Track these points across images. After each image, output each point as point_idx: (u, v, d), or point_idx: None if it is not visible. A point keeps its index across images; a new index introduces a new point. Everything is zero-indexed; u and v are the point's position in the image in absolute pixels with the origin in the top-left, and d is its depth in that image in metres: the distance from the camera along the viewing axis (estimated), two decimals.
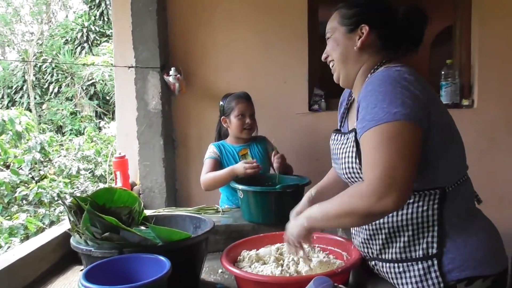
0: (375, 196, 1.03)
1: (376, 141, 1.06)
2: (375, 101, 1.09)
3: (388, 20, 1.26)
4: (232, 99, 2.29)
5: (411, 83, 1.11)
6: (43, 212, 4.37)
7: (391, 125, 1.05)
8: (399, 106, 1.06)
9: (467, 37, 2.80)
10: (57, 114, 10.68)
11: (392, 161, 1.03)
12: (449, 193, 1.16)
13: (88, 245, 1.29)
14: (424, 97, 1.10)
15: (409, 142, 1.05)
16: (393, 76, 1.12)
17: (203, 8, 2.80)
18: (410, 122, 1.05)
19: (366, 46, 1.26)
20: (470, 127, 2.74)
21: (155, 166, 2.71)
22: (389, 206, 1.03)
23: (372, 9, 1.28)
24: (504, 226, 2.63)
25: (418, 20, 1.26)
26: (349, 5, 1.30)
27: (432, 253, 1.15)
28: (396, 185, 1.02)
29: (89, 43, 11.79)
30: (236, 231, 1.86)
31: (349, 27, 1.27)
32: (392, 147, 1.04)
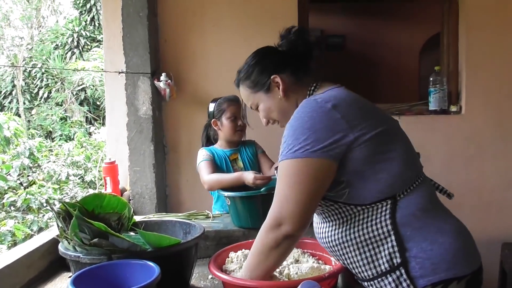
0: (274, 225, 1.15)
1: (279, 175, 1.17)
2: (286, 136, 1.17)
3: (283, 57, 1.33)
4: (223, 101, 2.29)
5: (326, 111, 1.15)
6: (31, 219, 4.32)
7: (290, 162, 1.14)
8: (301, 143, 1.12)
9: (454, 45, 2.85)
10: (47, 119, 10.60)
11: (285, 194, 1.15)
12: (401, 201, 1.16)
13: (77, 251, 1.28)
14: (342, 123, 1.13)
15: (307, 178, 1.13)
16: (308, 108, 1.17)
17: (194, 14, 2.81)
18: (309, 159, 1.12)
19: (288, 89, 1.32)
20: (457, 133, 2.77)
21: (145, 172, 2.70)
22: (288, 232, 1.14)
23: (265, 63, 1.35)
24: (491, 232, 2.70)
25: (299, 38, 1.34)
26: (246, 75, 1.37)
27: (397, 263, 1.13)
28: (288, 215, 1.13)
29: (79, 48, 11.75)
30: (226, 237, 1.86)
31: (264, 88, 1.34)
32: (288, 182, 1.15)
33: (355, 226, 1.18)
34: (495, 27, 2.72)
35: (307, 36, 1.35)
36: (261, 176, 1.98)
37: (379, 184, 1.16)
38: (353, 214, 1.18)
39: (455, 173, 2.74)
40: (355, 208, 1.17)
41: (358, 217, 1.18)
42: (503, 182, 2.77)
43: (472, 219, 1.27)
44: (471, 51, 2.75)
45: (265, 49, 1.40)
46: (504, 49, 2.72)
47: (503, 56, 2.72)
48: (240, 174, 2.05)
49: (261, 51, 1.40)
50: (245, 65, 1.40)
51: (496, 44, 2.72)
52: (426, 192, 1.22)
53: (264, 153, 2.40)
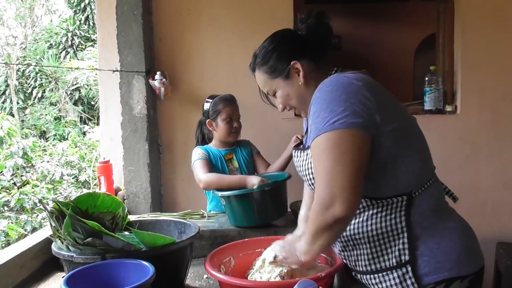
0: (323, 207, 1.07)
1: (317, 153, 1.10)
2: (319, 110, 1.11)
3: (302, 42, 1.29)
4: (219, 102, 2.26)
5: (358, 88, 1.11)
6: (25, 219, 4.29)
7: (330, 135, 1.07)
8: (339, 114, 1.07)
9: (450, 45, 2.85)
10: (41, 119, 10.54)
11: (333, 171, 1.06)
12: (415, 198, 1.16)
13: (70, 251, 1.27)
14: (372, 103, 1.10)
15: (350, 150, 1.06)
16: (339, 82, 1.13)
17: (189, 12, 2.80)
18: (351, 130, 1.06)
19: (309, 75, 1.27)
20: (453, 133, 2.78)
21: (140, 171, 2.68)
22: (338, 214, 1.05)
23: (284, 48, 1.29)
24: (486, 232, 2.70)
25: (319, 22, 1.30)
26: (264, 59, 1.31)
27: (405, 260, 1.14)
28: (337, 194, 1.05)
29: (73, 48, 11.69)
30: (221, 236, 1.85)
31: (283, 75, 1.29)
32: (331, 158, 1.07)
33: (369, 219, 1.18)
34: (491, 27, 2.72)
35: (326, 20, 1.30)
36: (268, 183, 1.93)
37: (397, 179, 1.15)
38: (367, 207, 1.17)
39: (450, 173, 2.73)
40: (370, 202, 1.16)
41: (373, 210, 1.17)
42: (498, 182, 2.77)
43: (467, 219, 1.28)
44: (466, 51, 2.75)
45: (283, 32, 1.34)
46: (499, 49, 2.72)
47: (499, 56, 2.73)
48: (244, 178, 1.99)
49: (280, 35, 1.33)
50: (262, 49, 1.32)
51: (492, 44, 2.73)
52: (437, 192, 1.23)
53: (259, 154, 2.39)
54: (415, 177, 1.17)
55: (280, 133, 2.78)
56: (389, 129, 1.12)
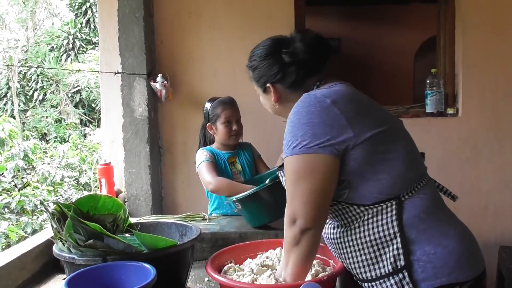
0: (289, 223, 1.17)
1: (285, 173, 1.19)
2: (286, 134, 1.19)
3: (281, 70, 1.29)
4: (217, 105, 2.24)
5: (324, 107, 1.13)
6: (25, 221, 4.30)
7: (289, 159, 1.16)
8: (299, 139, 1.13)
9: (451, 47, 2.85)
10: (42, 121, 10.54)
11: (291, 193, 1.16)
12: (406, 202, 1.15)
13: (71, 253, 1.26)
14: (340, 119, 1.12)
15: (306, 172, 1.13)
16: (306, 104, 1.16)
17: (190, 15, 2.80)
18: (306, 154, 1.12)
19: (282, 98, 1.31)
20: (454, 136, 2.78)
21: (140, 174, 2.68)
22: (303, 226, 1.14)
23: (263, 70, 1.31)
24: (488, 234, 2.70)
25: (322, 53, 1.29)
26: (250, 67, 1.36)
27: (401, 265, 1.12)
28: (299, 211, 1.14)
29: (75, 51, 11.71)
30: (222, 239, 1.85)
31: (262, 89, 1.35)
32: (291, 180, 1.16)
33: (361, 226, 1.17)
34: (492, 29, 2.72)
35: (313, 45, 1.28)
36: None
37: (379, 184, 1.14)
38: (357, 215, 1.17)
39: (451, 175, 2.74)
40: (359, 208, 1.16)
41: (363, 217, 1.17)
42: (500, 184, 2.77)
43: (469, 221, 1.26)
44: (467, 53, 2.75)
45: (274, 46, 1.32)
46: (500, 51, 2.73)
47: (500, 58, 2.73)
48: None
49: (271, 49, 1.32)
50: (255, 55, 1.35)
51: (493, 46, 2.73)
52: (431, 194, 1.21)
53: (261, 158, 2.39)
54: (401, 181, 1.16)
55: (281, 135, 2.75)
56: (364, 138, 1.13)
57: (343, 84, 1.24)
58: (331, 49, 1.33)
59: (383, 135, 1.17)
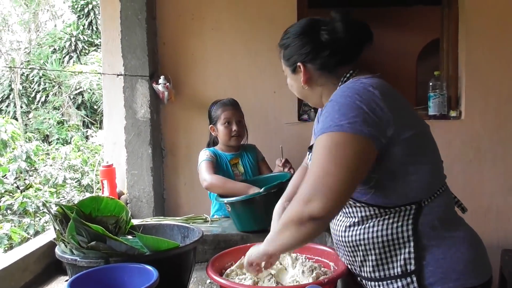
0: (302, 200, 1.05)
1: (318, 149, 1.08)
2: (330, 111, 1.10)
3: (316, 50, 1.24)
4: (218, 107, 2.27)
5: (373, 96, 1.09)
6: (27, 222, 4.30)
7: (335, 135, 1.06)
8: (350, 118, 1.06)
9: (454, 50, 2.85)
10: (44, 123, 10.57)
11: (325, 168, 1.05)
12: (424, 207, 1.14)
13: (74, 254, 1.26)
14: (386, 112, 1.08)
15: (351, 154, 1.05)
16: (355, 89, 1.11)
17: (193, 17, 2.81)
18: (357, 135, 1.05)
19: (311, 80, 1.26)
20: (457, 138, 2.77)
21: (143, 175, 2.68)
22: (314, 212, 1.03)
23: (297, 47, 1.26)
24: (490, 237, 2.69)
25: (361, 37, 1.25)
26: (282, 45, 1.31)
27: (411, 270, 1.12)
28: (322, 190, 1.03)
29: (77, 52, 11.74)
30: (224, 241, 1.85)
31: (291, 68, 1.29)
32: (331, 156, 1.05)
33: (376, 226, 1.16)
34: (495, 32, 2.72)
35: (354, 26, 1.25)
36: None
37: (407, 187, 1.13)
38: (374, 215, 1.16)
39: (454, 178, 2.71)
40: (378, 210, 1.15)
41: (380, 217, 1.16)
42: (503, 187, 2.76)
43: (471, 224, 1.26)
44: (470, 56, 2.75)
45: (307, 29, 1.27)
46: (504, 54, 2.72)
47: (503, 61, 2.72)
48: (248, 187, 1.97)
49: (308, 28, 1.27)
50: (289, 33, 1.29)
51: (496, 49, 2.72)
52: (447, 202, 1.21)
53: (264, 160, 2.39)
54: (426, 186, 1.15)
55: (283, 137, 2.78)
56: (403, 138, 1.10)
57: (380, 78, 1.20)
58: (371, 34, 1.25)
59: (419, 137, 1.16)
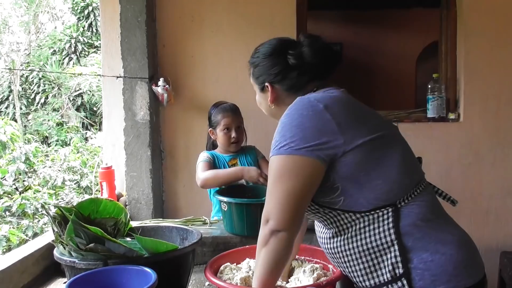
0: (262, 223, 1.16)
1: (268, 172, 1.17)
2: (275, 134, 1.17)
3: (283, 72, 1.28)
4: (218, 112, 2.27)
5: (317, 111, 1.13)
6: (26, 224, 4.29)
7: (275, 158, 1.14)
8: (287, 140, 1.12)
9: (452, 52, 2.85)
10: (43, 124, 10.56)
11: (269, 192, 1.15)
12: (402, 209, 1.13)
13: (72, 256, 1.26)
14: (332, 125, 1.12)
15: (287, 174, 1.12)
16: (299, 106, 1.16)
17: (192, 19, 2.81)
18: (291, 156, 1.12)
19: (279, 99, 1.30)
20: (455, 141, 2.77)
21: (142, 177, 2.68)
22: (272, 226, 1.13)
23: (266, 68, 1.30)
24: (489, 240, 2.69)
25: (329, 60, 1.29)
26: (252, 63, 1.34)
27: (400, 273, 1.11)
28: (275, 208, 1.13)
29: (77, 54, 11.74)
30: (223, 243, 1.85)
31: (260, 87, 1.33)
32: (270, 179, 1.15)
33: (357, 235, 1.16)
34: (494, 34, 2.72)
35: (322, 51, 1.28)
36: (265, 174, 1.92)
37: (375, 191, 1.13)
38: (353, 222, 1.16)
39: (453, 181, 2.74)
40: (354, 216, 1.15)
41: (359, 225, 1.15)
42: (501, 189, 2.76)
43: (470, 227, 1.26)
44: (469, 58, 2.75)
45: (280, 47, 1.31)
46: (502, 56, 2.72)
47: (502, 63, 2.73)
48: (241, 169, 2.00)
49: (277, 50, 1.31)
50: (259, 52, 1.34)
51: (495, 51, 2.73)
52: (428, 201, 1.19)
53: (265, 159, 2.37)
54: (397, 187, 1.15)
55: None
56: (355, 145, 1.12)
57: (338, 91, 1.24)
58: (340, 57, 1.33)
59: (377, 141, 1.16)
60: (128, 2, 2.63)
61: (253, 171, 1.95)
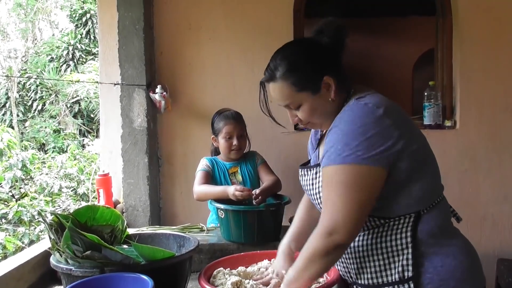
0: (325, 233, 1.10)
1: (326, 181, 1.14)
2: (334, 140, 1.12)
3: (329, 55, 1.23)
4: (221, 119, 2.28)
5: (378, 119, 1.10)
6: (22, 231, 4.27)
7: (338, 168, 1.10)
8: (352, 149, 1.08)
9: (448, 60, 2.87)
10: (40, 131, 10.54)
11: (334, 203, 1.10)
12: (423, 216, 1.16)
13: (69, 264, 1.26)
14: (393, 131, 1.10)
15: (354, 184, 1.09)
16: (359, 114, 1.12)
17: (190, 26, 2.82)
18: (359, 166, 1.08)
19: (338, 91, 1.23)
20: (452, 148, 2.78)
21: (139, 184, 2.68)
22: (339, 241, 1.09)
23: (317, 57, 1.22)
24: (485, 246, 2.69)
25: (339, 33, 1.26)
26: (291, 68, 1.20)
27: (408, 276, 1.13)
28: (340, 224, 1.08)
29: (74, 61, 11.75)
30: (220, 250, 1.84)
31: (313, 88, 1.20)
32: (337, 190, 1.10)
33: (376, 234, 1.18)
34: (489, 42, 2.74)
35: (344, 33, 1.26)
36: (241, 188, 1.94)
37: (410, 198, 1.15)
38: (375, 225, 1.18)
39: (449, 188, 2.69)
40: (379, 221, 1.17)
41: (381, 227, 1.17)
42: (498, 196, 2.77)
43: (467, 233, 1.27)
44: (465, 66, 2.77)
45: (310, 42, 1.25)
46: (498, 64, 2.74)
47: (497, 70, 2.75)
48: (225, 188, 2.01)
49: (308, 44, 1.25)
50: (288, 59, 1.21)
51: (490, 59, 2.74)
52: (445, 210, 1.23)
53: (264, 163, 2.36)
54: (426, 196, 1.17)
55: (279, 146, 2.79)
56: (410, 151, 1.12)
57: (379, 94, 1.21)
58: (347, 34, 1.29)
59: (422, 149, 1.18)
60: (126, 10, 2.65)
61: (230, 189, 1.95)
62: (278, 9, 2.80)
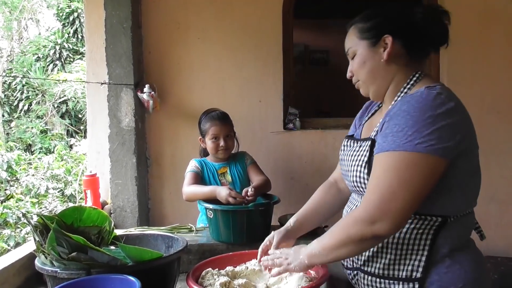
0: (367, 220, 1.05)
1: (387, 166, 1.06)
2: (403, 125, 1.06)
3: (409, 26, 1.21)
4: (207, 120, 2.26)
5: (450, 111, 1.07)
6: (8, 234, 4.21)
7: (408, 155, 1.04)
8: (424, 137, 1.03)
9: (435, 60, 2.89)
10: (27, 132, 10.40)
11: (393, 190, 1.04)
12: (449, 223, 1.13)
13: (54, 266, 1.24)
14: (460, 127, 1.08)
15: (421, 175, 1.04)
16: (431, 103, 1.07)
17: (178, 26, 2.81)
18: (429, 155, 1.03)
19: (393, 57, 1.20)
20: None
21: (127, 185, 2.66)
22: (380, 232, 1.05)
23: (390, 18, 1.22)
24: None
25: (438, 18, 1.21)
26: (365, 18, 1.25)
27: (416, 277, 1.13)
28: (390, 214, 1.03)
29: (61, 61, 11.61)
30: (209, 251, 1.83)
31: (372, 40, 1.21)
32: (400, 177, 1.04)
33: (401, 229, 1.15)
34: (476, 43, 2.77)
35: (447, 21, 1.23)
36: (235, 193, 1.92)
37: (448, 200, 1.12)
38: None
39: None
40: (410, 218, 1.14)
41: (408, 224, 1.14)
42: (485, 196, 2.74)
43: None
44: (452, 69, 2.79)
45: (400, 8, 1.24)
46: (484, 66, 2.77)
47: (484, 72, 2.77)
48: (214, 188, 2.00)
49: (396, 7, 1.24)
50: (379, 9, 1.25)
51: (477, 59, 2.77)
52: (470, 224, 1.22)
53: (253, 164, 2.35)
54: (461, 205, 1.15)
55: (269, 146, 2.78)
56: (469, 153, 1.12)
57: (447, 87, 1.18)
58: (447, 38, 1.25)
59: (476, 155, 1.17)
60: (114, 9, 2.62)
61: (223, 192, 1.93)
62: (267, 9, 2.80)
